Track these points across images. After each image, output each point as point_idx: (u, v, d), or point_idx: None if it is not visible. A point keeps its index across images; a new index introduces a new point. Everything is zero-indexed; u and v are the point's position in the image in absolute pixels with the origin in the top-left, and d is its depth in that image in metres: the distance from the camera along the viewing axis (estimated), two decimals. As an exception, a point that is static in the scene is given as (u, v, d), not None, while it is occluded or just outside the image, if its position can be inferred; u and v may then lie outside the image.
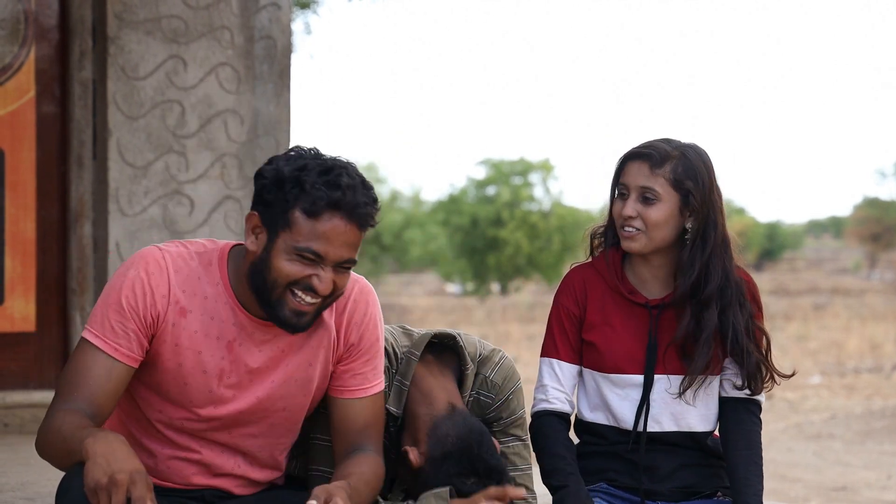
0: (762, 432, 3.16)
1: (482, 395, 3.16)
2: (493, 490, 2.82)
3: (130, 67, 5.62)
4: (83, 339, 2.66)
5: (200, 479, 2.80)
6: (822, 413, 13.15)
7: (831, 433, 11.70)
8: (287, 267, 2.61)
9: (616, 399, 3.13)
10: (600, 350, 3.12)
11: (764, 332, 3.13)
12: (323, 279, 2.61)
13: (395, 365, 3.02)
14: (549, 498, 3.10)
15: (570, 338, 3.15)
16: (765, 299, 3.21)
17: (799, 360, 18.17)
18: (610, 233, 3.17)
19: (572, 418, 3.23)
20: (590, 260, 3.20)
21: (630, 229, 3.05)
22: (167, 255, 2.70)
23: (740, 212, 47.38)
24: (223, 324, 2.71)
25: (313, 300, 2.63)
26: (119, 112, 5.61)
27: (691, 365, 3.05)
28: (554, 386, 3.14)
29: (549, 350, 3.17)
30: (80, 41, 5.65)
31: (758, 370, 3.10)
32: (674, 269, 3.09)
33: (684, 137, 3.17)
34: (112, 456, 2.39)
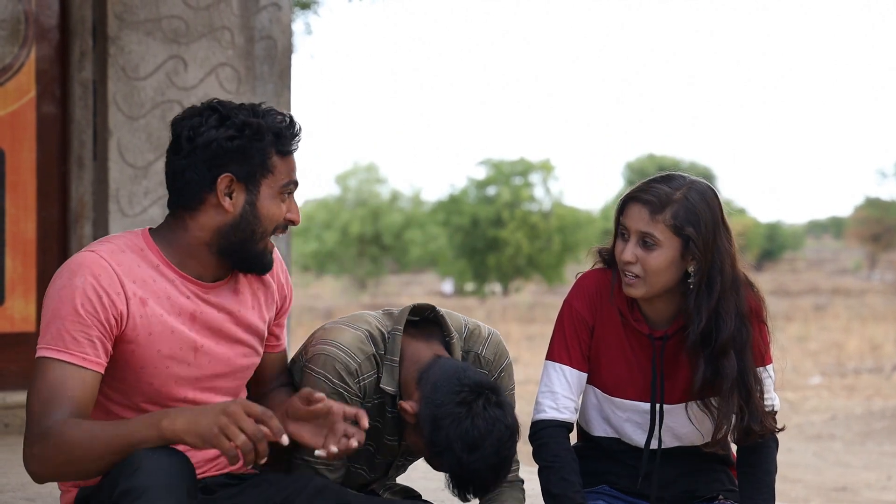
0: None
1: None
2: None
3: (131, 68, 5.63)
4: (45, 360, 2.60)
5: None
6: (823, 414, 13.15)
7: (832, 434, 11.70)
8: (275, 210, 2.74)
9: (618, 420, 3.11)
10: (603, 370, 3.08)
11: (758, 377, 3.01)
12: (294, 209, 2.79)
13: (384, 346, 2.99)
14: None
15: (581, 345, 3.08)
16: (765, 299, 3.15)
17: (799, 360, 18.18)
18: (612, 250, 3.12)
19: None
20: (606, 268, 3.11)
21: (630, 275, 2.98)
22: (103, 253, 2.69)
23: (741, 212, 47.36)
24: (178, 299, 2.73)
25: (282, 234, 2.80)
26: (119, 112, 5.61)
27: (719, 416, 2.97)
28: (564, 394, 3.06)
29: (560, 355, 3.09)
30: (81, 41, 5.66)
31: (736, 419, 2.99)
32: (677, 309, 3.02)
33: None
34: (200, 411, 2.47)
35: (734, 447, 3.16)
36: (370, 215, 38.87)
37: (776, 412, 3.09)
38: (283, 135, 2.73)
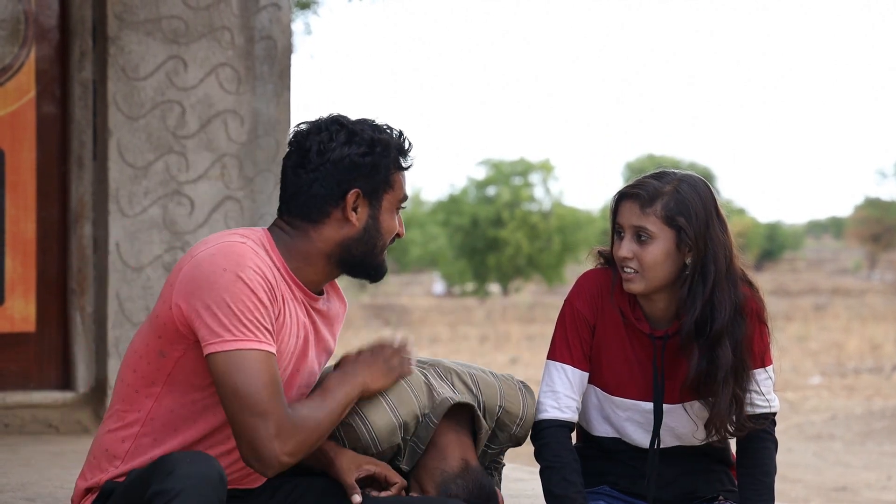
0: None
1: (506, 446, 3.19)
2: None
3: (131, 68, 5.62)
4: (252, 352, 2.62)
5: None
6: (823, 414, 13.15)
7: (831, 434, 11.70)
8: (392, 223, 2.85)
9: (618, 419, 3.11)
10: (604, 369, 3.09)
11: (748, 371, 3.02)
12: (402, 224, 2.90)
13: (414, 428, 2.98)
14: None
15: (583, 344, 3.08)
16: (765, 299, 3.15)
17: (799, 360, 18.18)
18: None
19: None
20: (607, 267, 3.12)
21: (628, 270, 2.99)
22: (250, 245, 2.73)
23: (740, 212, 47.38)
24: (292, 304, 2.78)
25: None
26: (119, 112, 5.61)
27: (714, 406, 2.98)
28: (567, 394, 3.07)
29: (562, 354, 3.09)
30: (81, 42, 5.65)
31: (729, 412, 3.00)
32: (678, 309, 3.02)
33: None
34: (355, 368, 2.85)
35: (734, 448, 3.16)
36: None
37: (775, 413, 3.09)
38: (403, 151, 2.82)
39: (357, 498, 2.81)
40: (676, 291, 3.01)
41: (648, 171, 3.08)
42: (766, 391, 3.05)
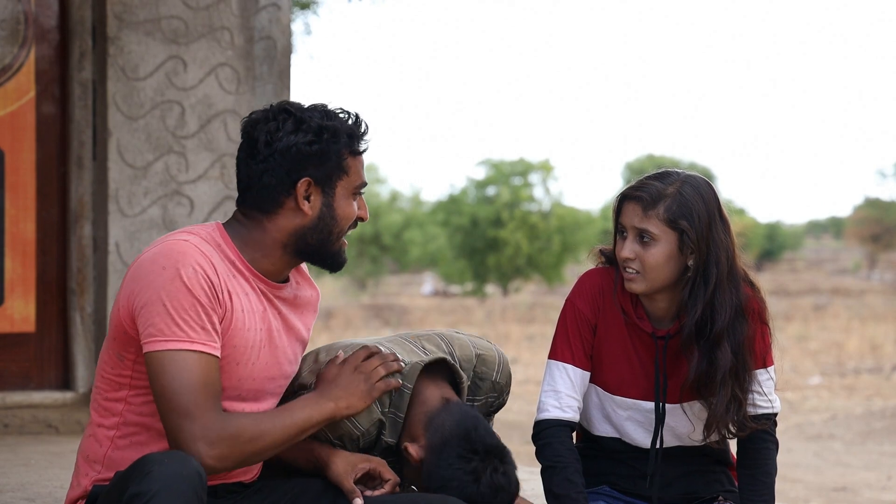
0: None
1: (490, 396, 3.20)
2: None
3: (130, 68, 5.62)
4: (183, 353, 2.59)
5: None
6: (823, 414, 13.15)
7: (831, 434, 11.70)
8: (349, 209, 2.81)
9: (619, 419, 3.11)
10: (605, 369, 3.09)
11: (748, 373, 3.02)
12: (363, 207, 2.86)
13: (388, 400, 2.99)
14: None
15: (584, 343, 3.08)
16: (766, 300, 3.15)
17: (799, 360, 18.17)
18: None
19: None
20: (608, 266, 3.13)
21: (630, 271, 3.00)
22: (194, 242, 2.71)
23: (740, 212, 47.35)
24: (251, 296, 2.76)
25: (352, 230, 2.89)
26: (119, 113, 5.61)
27: (712, 407, 2.99)
28: (568, 393, 3.07)
29: (563, 354, 3.09)
30: (80, 42, 5.65)
31: (728, 412, 3.00)
32: (680, 308, 3.03)
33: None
34: (334, 385, 2.78)
35: (734, 449, 3.16)
36: (370, 215, 38.75)
37: (776, 413, 3.08)
38: (355, 135, 2.78)
39: (359, 502, 2.81)
40: (679, 291, 3.01)
41: (651, 171, 3.07)
42: (768, 391, 3.05)
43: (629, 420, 3.09)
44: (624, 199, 3.02)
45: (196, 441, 2.59)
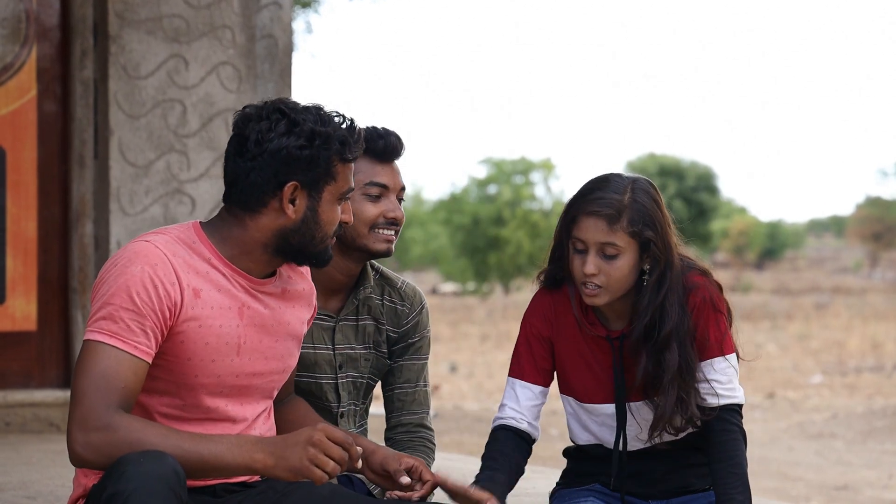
0: (749, 435, 3.08)
1: (398, 304, 3.33)
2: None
3: (132, 66, 5.63)
4: (98, 343, 2.60)
5: None
6: (824, 412, 13.15)
7: (833, 432, 11.70)
8: (333, 215, 2.76)
9: (594, 425, 3.12)
10: (571, 379, 3.10)
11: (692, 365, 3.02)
12: (347, 211, 2.81)
13: None
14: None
15: (536, 358, 3.09)
16: (766, 298, 3.18)
17: (800, 359, 18.18)
18: (558, 266, 3.10)
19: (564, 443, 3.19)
20: (554, 289, 3.13)
21: (592, 287, 2.98)
22: (159, 244, 2.71)
23: (742, 211, 47.32)
24: (229, 292, 2.75)
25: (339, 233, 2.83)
26: (120, 111, 5.62)
27: (659, 409, 2.99)
28: (511, 406, 3.09)
29: (513, 370, 3.12)
30: (82, 40, 5.66)
31: (674, 413, 3.00)
32: (632, 306, 3.03)
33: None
34: (284, 444, 2.54)
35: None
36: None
37: (740, 405, 3.06)
38: (347, 143, 2.74)
39: (406, 479, 2.79)
40: (630, 293, 3.02)
41: (590, 180, 3.05)
42: (727, 380, 3.03)
43: (603, 426, 3.10)
44: (580, 213, 3.00)
45: (73, 424, 2.60)
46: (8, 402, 5.52)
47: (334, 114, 2.75)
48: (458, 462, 5.50)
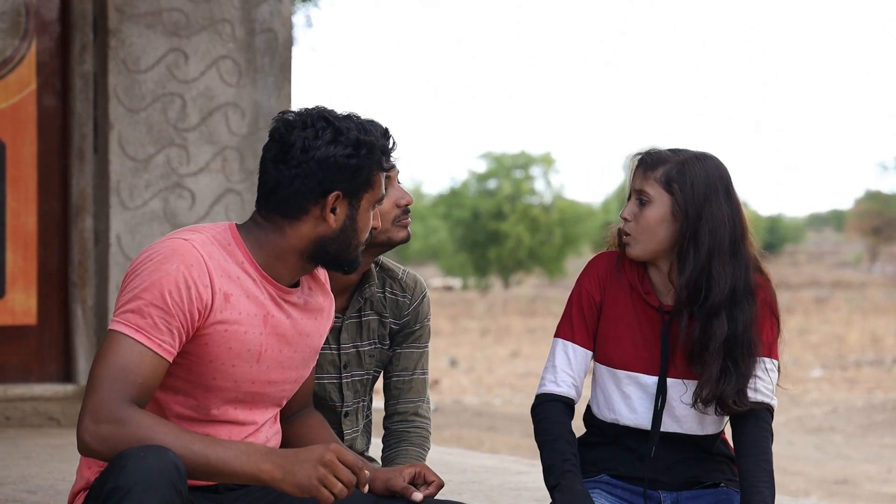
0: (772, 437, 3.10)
1: (399, 295, 3.34)
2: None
3: (131, 60, 5.62)
4: (122, 335, 2.59)
5: None
6: (823, 406, 13.16)
7: (832, 426, 11.71)
8: (369, 222, 2.79)
9: (623, 396, 3.12)
10: (611, 344, 3.11)
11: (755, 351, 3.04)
12: (377, 216, 2.83)
13: None
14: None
15: (587, 322, 3.12)
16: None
17: (800, 353, 18.19)
18: None
19: (582, 407, 3.21)
20: (617, 250, 3.17)
21: (626, 234, 3.05)
22: (196, 244, 2.69)
23: (742, 205, 47.14)
24: (257, 299, 2.74)
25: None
26: (120, 105, 5.61)
27: (703, 375, 3.01)
28: (564, 369, 3.11)
29: (564, 331, 3.13)
30: (81, 34, 5.65)
31: (718, 384, 3.01)
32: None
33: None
34: (296, 459, 2.53)
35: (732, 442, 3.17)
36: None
37: (773, 408, 3.09)
38: (386, 151, 2.77)
39: (418, 496, 2.78)
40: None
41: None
42: (769, 381, 3.08)
43: (632, 397, 3.10)
44: (636, 166, 3.09)
45: (86, 413, 2.57)
46: (8, 397, 5.52)
47: (369, 122, 2.76)
48: (458, 456, 5.50)
